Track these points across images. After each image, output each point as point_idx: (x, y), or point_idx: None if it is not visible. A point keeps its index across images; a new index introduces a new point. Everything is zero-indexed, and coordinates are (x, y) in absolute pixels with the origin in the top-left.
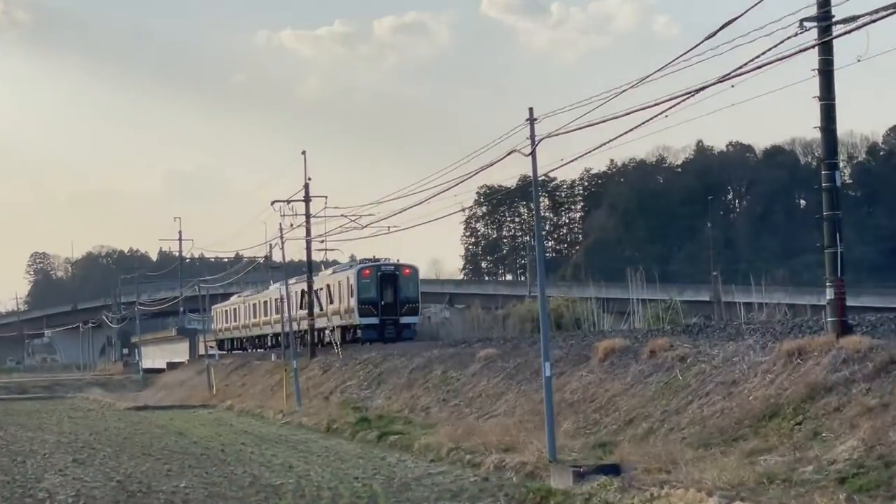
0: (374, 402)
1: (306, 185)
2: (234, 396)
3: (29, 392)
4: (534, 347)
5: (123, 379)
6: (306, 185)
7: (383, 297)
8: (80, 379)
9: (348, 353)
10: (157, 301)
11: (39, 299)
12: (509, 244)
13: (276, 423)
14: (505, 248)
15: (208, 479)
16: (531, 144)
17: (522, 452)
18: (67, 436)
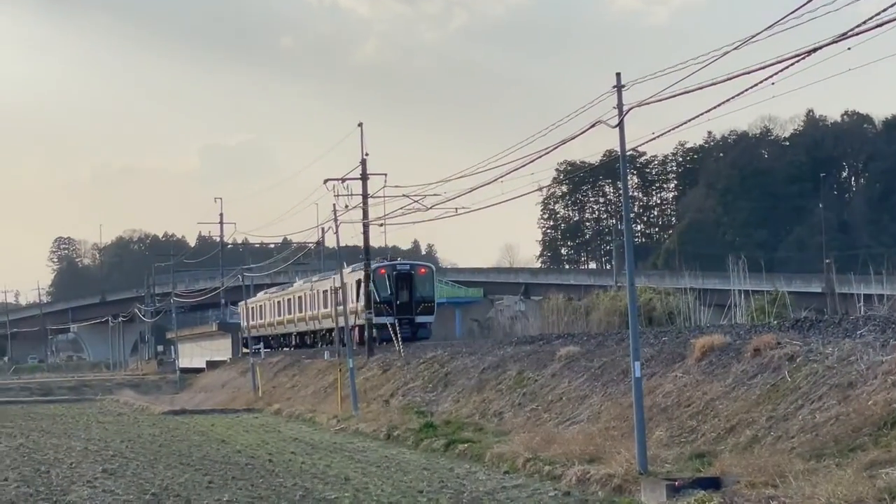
0: (440, 406)
1: (363, 161)
2: (282, 399)
3: (53, 394)
4: (621, 345)
5: (158, 379)
6: (363, 162)
7: (398, 297)
8: (110, 379)
9: (411, 352)
10: (196, 292)
11: (64, 290)
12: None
13: (329, 429)
14: (588, 232)
15: (254, 493)
16: (618, 115)
17: (609, 464)
18: (96, 443)
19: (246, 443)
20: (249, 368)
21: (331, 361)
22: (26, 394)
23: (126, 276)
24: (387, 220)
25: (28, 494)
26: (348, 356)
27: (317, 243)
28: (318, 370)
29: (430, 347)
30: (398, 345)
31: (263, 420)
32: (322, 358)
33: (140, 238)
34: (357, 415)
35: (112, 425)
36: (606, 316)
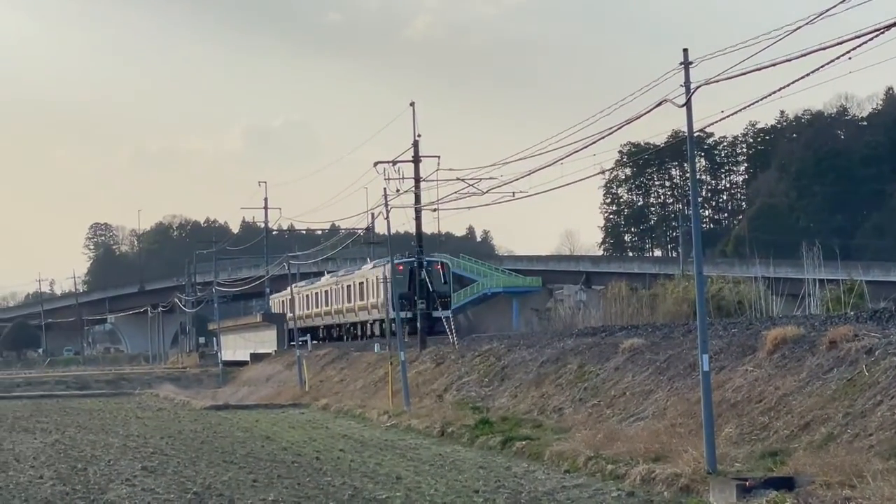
0: (496, 401)
1: (415, 142)
2: (330, 394)
3: (90, 387)
4: (688, 337)
5: (199, 373)
6: (415, 144)
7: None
8: (149, 372)
9: (465, 344)
10: (239, 281)
11: (101, 279)
12: (658, 213)
13: (380, 425)
14: (653, 217)
15: (301, 492)
16: (685, 93)
17: (675, 462)
18: (135, 439)
19: (292, 440)
20: (296, 361)
21: (381, 354)
22: (62, 387)
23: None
24: (440, 205)
25: (64, 493)
26: (399, 349)
27: (366, 229)
28: (368, 363)
29: (485, 339)
30: (452, 337)
31: (310, 416)
32: (372, 351)
33: (180, 224)
34: (409, 410)
35: (151, 421)
36: (673, 306)
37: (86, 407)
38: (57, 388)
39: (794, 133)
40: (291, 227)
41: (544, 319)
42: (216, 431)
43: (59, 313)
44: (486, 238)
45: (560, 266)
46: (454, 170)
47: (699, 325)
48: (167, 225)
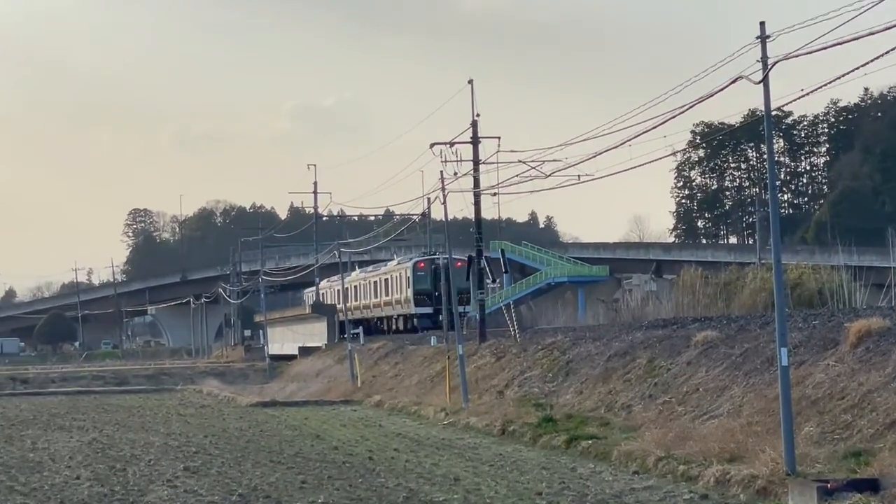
0: (560, 397)
1: (474, 122)
2: (383, 390)
3: (129, 383)
4: (766, 329)
5: (245, 367)
6: (474, 124)
7: (437, 289)
8: (192, 367)
9: (528, 337)
10: (287, 270)
11: (140, 268)
12: (733, 198)
13: (436, 423)
14: (727, 202)
15: (353, 494)
16: (762, 69)
17: (752, 463)
18: (177, 438)
19: (343, 438)
20: (347, 356)
21: (438, 348)
22: (99, 383)
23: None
24: (500, 189)
25: (102, 495)
26: (458, 342)
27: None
28: (424, 358)
29: (549, 332)
30: (514, 330)
31: (363, 413)
32: (428, 344)
33: (225, 210)
34: (467, 407)
35: (194, 418)
36: (750, 297)
37: (125, 404)
38: (94, 384)
39: (879, 112)
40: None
41: (612, 311)
42: (263, 430)
43: (96, 304)
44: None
45: (628, 254)
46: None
47: (777, 316)
48: (210, 211)
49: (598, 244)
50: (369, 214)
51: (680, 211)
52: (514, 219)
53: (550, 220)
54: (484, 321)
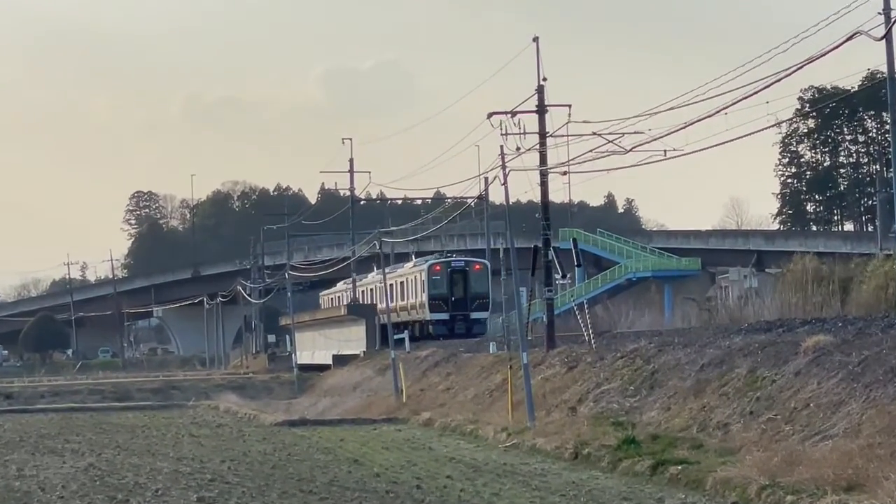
0: (644, 414)
1: (540, 88)
2: (433, 406)
3: (132, 398)
4: (890, 333)
5: (269, 380)
6: (540, 89)
7: (453, 293)
8: (206, 379)
9: (605, 343)
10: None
11: (144, 262)
12: (849, 177)
13: (496, 445)
14: (842, 182)
15: None
16: (884, 23)
17: (873, 492)
18: (189, 463)
19: (386, 464)
20: (391, 365)
21: (498, 356)
22: (96, 398)
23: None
24: (571, 167)
25: None
26: (522, 349)
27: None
28: (482, 367)
29: (630, 337)
30: (588, 334)
31: (409, 433)
32: (487, 352)
33: (244, 193)
34: (533, 427)
35: (209, 440)
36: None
37: (127, 423)
38: (91, 399)
39: None
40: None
41: (705, 311)
42: (291, 453)
43: (92, 305)
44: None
45: (724, 244)
46: (589, 122)
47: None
48: (227, 194)
49: (687, 232)
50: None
51: (785, 192)
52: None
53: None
54: (552, 324)
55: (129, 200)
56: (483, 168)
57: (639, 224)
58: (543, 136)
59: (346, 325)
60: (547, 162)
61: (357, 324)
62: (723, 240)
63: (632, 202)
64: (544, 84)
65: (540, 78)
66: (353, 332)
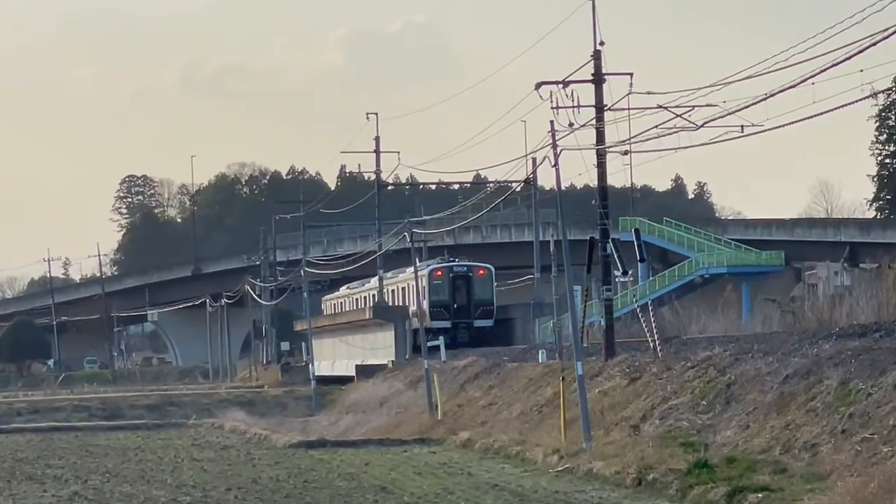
0: (718, 434)
1: (597, 53)
2: (473, 424)
3: (122, 416)
4: None
5: (282, 394)
6: (597, 55)
7: (456, 300)
8: (209, 394)
9: (672, 351)
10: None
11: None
12: None
13: (546, 470)
14: None
15: None
16: None
17: None
18: (189, 491)
19: (419, 492)
20: (423, 377)
21: (548, 366)
22: (82, 416)
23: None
24: (633, 145)
25: None
26: (576, 358)
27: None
28: (529, 380)
29: (702, 344)
30: (653, 340)
31: (445, 456)
32: (535, 361)
33: (252, 176)
34: (590, 448)
35: (213, 465)
36: None
37: (117, 445)
38: (75, 418)
39: None
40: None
41: (788, 313)
42: (307, 480)
43: (77, 308)
44: (702, 194)
45: (811, 234)
46: (654, 93)
47: None
48: (233, 178)
49: (768, 221)
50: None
51: (883, 175)
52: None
53: (702, 189)
54: (612, 329)
55: (120, 186)
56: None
57: (712, 212)
58: (600, 110)
59: (371, 330)
60: (605, 140)
61: (384, 329)
62: (810, 230)
63: (703, 187)
64: (601, 49)
65: (597, 42)
66: (380, 338)
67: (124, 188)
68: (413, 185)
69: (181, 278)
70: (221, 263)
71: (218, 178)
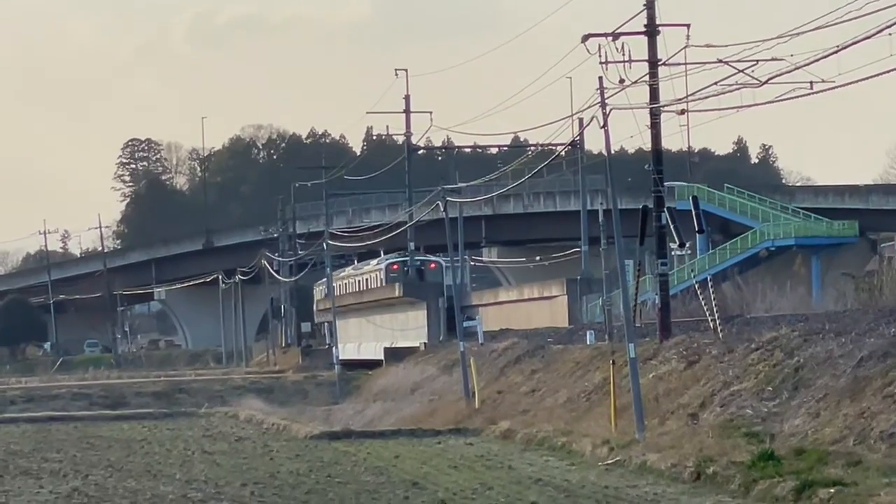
0: (786, 423)
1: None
2: (514, 413)
3: (127, 405)
4: None
5: (303, 380)
6: (649, 4)
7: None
8: (223, 380)
9: (734, 331)
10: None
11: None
12: None
13: (595, 463)
14: None
15: None
16: None
17: None
18: (200, 487)
19: (454, 488)
20: (458, 361)
21: (597, 348)
22: (82, 404)
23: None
24: (690, 104)
25: None
26: (628, 340)
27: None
28: (576, 364)
29: (767, 323)
30: (713, 320)
31: (483, 448)
32: (582, 343)
33: (270, 140)
34: (643, 439)
35: (227, 458)
36: None
37: (121, 436)
38: (74, 406)
39: None
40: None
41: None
42: (331, 475)
43: (76, 286)
44: (767, 158)
45: (888, 203)
46: (713, 46)
47: None
48: (248, 142)
49: (841, 188)
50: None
51: None
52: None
53: (768, 152)
54: (667, 307)
55: (122, 151)
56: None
57: (778, 178)
58: (654, 65)
59: (401, 309)
60: (659, 98)
61: (416, 308)
62: (886, 197)
63: (769, 150)
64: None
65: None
66: (411, 318)
67: (127, 153)
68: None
69: (191, 252)
70: (235, 236)
71: (232, 142)
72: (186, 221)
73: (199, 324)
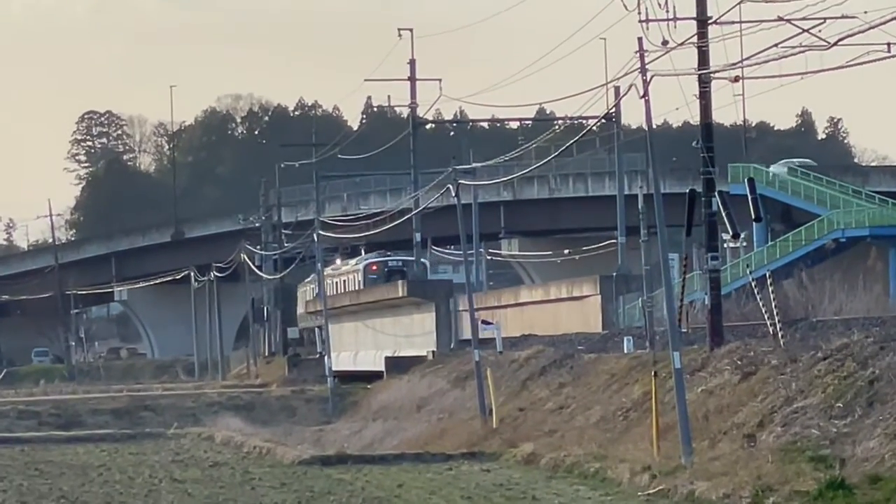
0: (858, 445)
1: None
2: (538, 433)
3: (83, 424)
4: None
5: (290, 395)
6: None
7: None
8: (195, 395)
9: (798, 337)
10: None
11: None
12: None
13: (635, 493)
14: None
15: None
16: None
17: None
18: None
19: None
20: (473, 373)
21: (636, 357)
22: (30, 424)
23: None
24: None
25: None
26: (672, 348)
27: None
28: (611, 375)
29: (837, 328)
30: (773, 324)
31: (502, 475)
32: (619, 352)
33: (251, 112)
34: (690, 465)
35: (200, 487)
36: None
37: (76, 461)
38: (21, 426)
39: None
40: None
41: None
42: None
43: (23, 284)
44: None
45: None
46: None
47: None
48: (225, 114)
49: None
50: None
51: None
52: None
53: (837, 127)
54: (719, 309)
55: (78, 125)
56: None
57: (850, 157)
58: (704, 23)
59: (405, 311)
60: (709, 63)
61: (422, 310)
62: None
63: (838, 124)
64: None
65: None
66: (417, 322)
67: (83, 128)
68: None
69: (158, 245)
70: (210, 226)
71: (206, 115)
72: (152, 208)
73: (167, 329)
